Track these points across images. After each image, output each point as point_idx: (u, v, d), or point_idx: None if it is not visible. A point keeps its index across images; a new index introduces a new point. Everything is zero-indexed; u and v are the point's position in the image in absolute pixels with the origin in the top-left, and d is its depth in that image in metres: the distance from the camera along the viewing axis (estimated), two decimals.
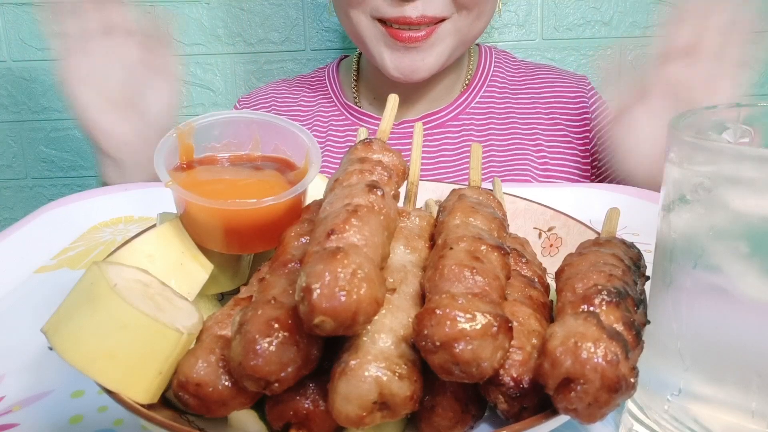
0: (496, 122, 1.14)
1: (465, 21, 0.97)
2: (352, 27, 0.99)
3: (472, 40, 1.04)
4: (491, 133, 1.13)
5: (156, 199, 0.90)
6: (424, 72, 0.98)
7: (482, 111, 1.15)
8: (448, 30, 0.97)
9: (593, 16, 1.60)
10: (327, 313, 0.34)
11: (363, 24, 0.97)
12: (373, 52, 0.99)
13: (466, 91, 1.15)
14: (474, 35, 1.03)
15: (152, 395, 0.40)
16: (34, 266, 0.71)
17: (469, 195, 0.54)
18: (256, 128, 0.59)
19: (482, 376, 0.37)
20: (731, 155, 0.36)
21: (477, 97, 1.15)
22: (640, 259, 0.49)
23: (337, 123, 1.16)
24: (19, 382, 0.52)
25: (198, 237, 0.53)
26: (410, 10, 0.90)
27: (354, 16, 0.97)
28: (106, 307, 0.39)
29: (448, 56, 1.00)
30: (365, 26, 0.97)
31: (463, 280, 0.41)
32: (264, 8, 1.55)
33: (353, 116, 1.15)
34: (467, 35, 1.00)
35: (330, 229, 0.41)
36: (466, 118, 1.14)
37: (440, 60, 0.99)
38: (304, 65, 1.58)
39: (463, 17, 0.97)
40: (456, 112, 1.14)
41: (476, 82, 1.16)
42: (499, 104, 1.15)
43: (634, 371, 0.36)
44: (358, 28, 0.98)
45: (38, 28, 1.54)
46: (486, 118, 1.14)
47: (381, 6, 0.93)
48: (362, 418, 0.36)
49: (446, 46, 0.98)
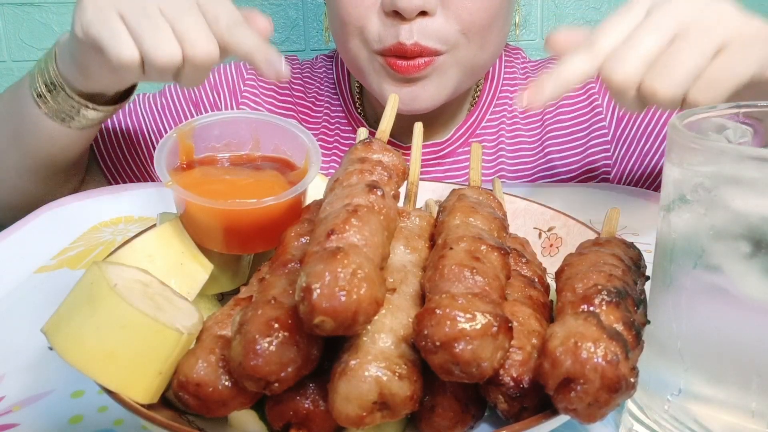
0: (505, 136, 1.10)
1: (466, 53, 0.92)
2: (351, 59, 0.97)
3: (480, 71, 0.99)
4: (500, 148, 1.10)
5: (156, 199, 0.90)
6: (426, 102, 0.94)
7: (492, 129, 1.10)
8: (448, 63, 0.92)
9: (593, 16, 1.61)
10: (327, 313, 0.34)
11: (362, 57, 0.94)
12: (372, 84, 0.96)
13: (476, 108, 1.10)
14: (481, 66, 0.97)
15: (152, 395, 0.40)
16: (34, 266, 0.71)
17: (469, 195, 0.54)
18: (256, 128, 0.59)
19: (482, 376, 0.37)
20: (731, 155, 0.36)
21: (488, 114, 1.11)
22: (640, 259, 0.49)
23: (344, 133, 1.13)
24: (19, 382, 0.52)
25: (198, 237, 0.53)
26: (405, 35, 0.87)
27: (353, 48, 0.94)
28: (106, 307, 0.39)
29: (454, 89, 0.96)
30: (365, 60, 0.94)
31: (463, 280, 0.41)
32: (264, 8, 1.55)
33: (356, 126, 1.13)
34: (473, 67, 0.95)
35: (330, 229, 0.41)
36: (477, 140, 1.09)
37: (443, 92, 0.95)
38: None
39: (462, 50, 0.92)
40: (467, 135, 1.10)
41: (486, 95, 1.11)
42: (508, 118, 1.11)
43: (634, 371, 0.36)
44: (358, 61, 0.95)
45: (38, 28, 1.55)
46: (496, 135, 1.10)
47: (379, 32, 0.89)
48: (362, 418, 0.36)
49: (449, 78, 0.94)
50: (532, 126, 1.11)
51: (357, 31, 0.92)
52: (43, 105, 0.80)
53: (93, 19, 0.65)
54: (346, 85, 1.14)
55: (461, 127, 1.10)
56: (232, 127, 0.58)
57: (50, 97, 0.80)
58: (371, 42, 0.91)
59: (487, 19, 0.90)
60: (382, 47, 0.90)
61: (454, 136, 1.10)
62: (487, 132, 1.11)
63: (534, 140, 1.11)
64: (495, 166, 1.10)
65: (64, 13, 1.54)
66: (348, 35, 0.93)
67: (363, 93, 1.13)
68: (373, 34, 0.91)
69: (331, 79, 1.16)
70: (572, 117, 1.10)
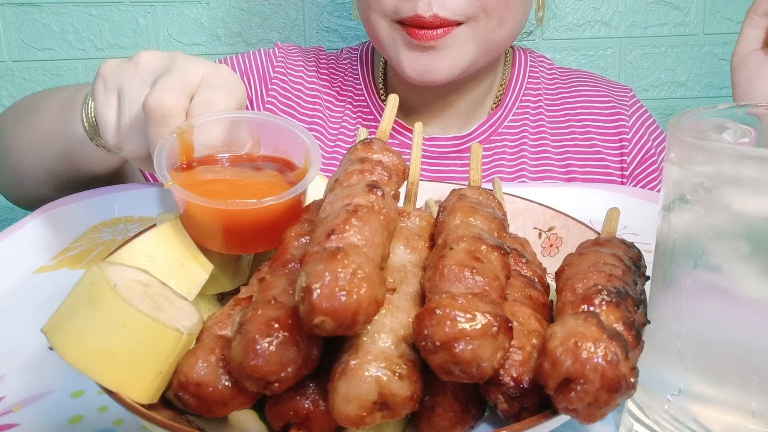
0: (528, 144, 1.10)
1: (484, 27, 0.94)
2: (373, 31, 0.99)
3: (497, 48, 0.99)
4: (523, 155, 1.09)
5: (156, 199, 0.90)
6: (440, 73, 0.95)
7: (515, 132, 1.10)
8: (467, 35, 0.93)
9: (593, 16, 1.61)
10: (327, 313, 0.34)
11: (383, 28, 0.96)
12: (390, 54, 0.98)
13: (498, 108, 1.11)
14: (499, 43, 0.98)
15: (152, 395, 0.40)
16: (34, 266, 0.71)
17: (470, 195, 0.54)
18: (256, 128, 0.59)
19: (482, 376, 0.37)
20: (731, 155, 0.36)
21: (510, 115, 1.10)
22: (640, 259, 0.49)
23: (365, 122, 1.13)
24: (19, 382, 0.52)
25: (198, 237, 0.53)
26: (423, 7, 0.89)
27: (374, 19, 0.96)
28: (106, 307, 0.39)
29: (470, 63, 0.96)
30: (385, 30, 0.96)
31: (463, 280, 0.41)
32: (264, 8, 1.55)
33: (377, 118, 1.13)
34: (490, 43, 0.96)
35: (330, 229, 0.41)
36: (498, 140, 1.10)
37: (459, 64, 0.95)
38: None
39: (481, 23, 0.93)
40: (488, 133, 1.10)
41: (509, 96, 1.11)
42: (532, 123, 1.11)
43: (634, 371, 0.36)
44: (378, 32, 0.97)
45: (38, 28, 1.55)
46: (519, 139, 1.10)
47: (396, 5, 0.92)
48: (362, 418, 0.36)
49: (466, 51, 0.95)
50: (558, 134, 1.11)
51: (376, 3, 0.94)
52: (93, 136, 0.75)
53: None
54: (370, 77, 1.15)
55: (483, 124, 1.10)
56: (232, 126, 0.58)
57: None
58: (390, 13, 0.94)
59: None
60: (399, 18, 0.92)
61: (476, 132, 1.10)
62: (509, 132, 1.11)
63: (558, 148, 1.11)
64: (516, 170, 1.10)
65: (64, 13, 1.54)
66: (368, 7, 0.96)
67: (387, 85, 1.14)
68: (390, 7, 0.93)
69: (355, 70, 1.17)
70: (599, 141, 1.10)
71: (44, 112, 0.87)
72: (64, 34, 1.55)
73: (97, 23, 1.55)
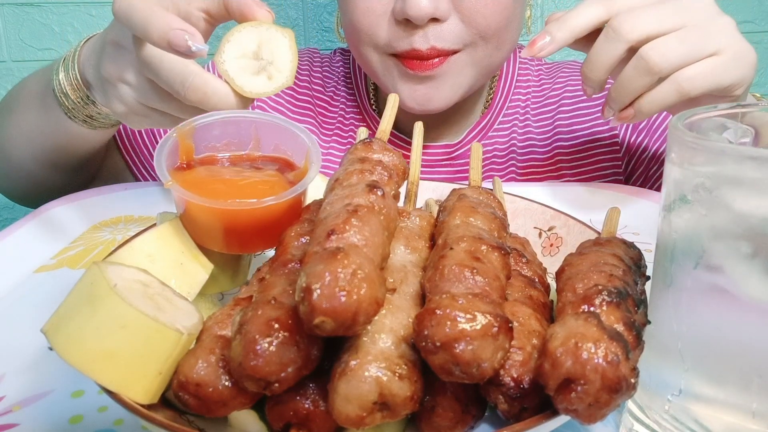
0: (517, 143, 1.09)
1: (482, 53, 0.91)
2: (364, 62, 0.96)
3: (494, 69, 0.98)
4: (511, 156, 1.09)
5: (156, 199, 0.90)
6: (441, 101, 0.93)
7: (504, 134, 1.10)
8: (465, 61, 0.91)
9: None
10: (327, 314, 0.34)
11: (375, 60, 0.93)
12: (386, 84, 0.95)
13: (488, 112, 1.10)
14: (496, 65, 0.96)
15: (152, 395, 0.40)
16: (34, 266, 0.71)
17: (470, 195, 0.54)
18: (256, 128, 0.59)
19: (482, 376, 0.37)
20: (732, 156, 0.36)
21: (500, 117, 1.10)
22: (640, 259, 0.49)
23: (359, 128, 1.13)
24: (19, 382, 0.52)
25: (198, 237, 0.53)
26: (419, 41, 0.86)
27: (365, 52, 0.93)
28: (106, 307, 0.39)
29: (469, 87, 0.95)
30: (377, 62, 0.93)
31: (463, 281, 0.41)
32: None
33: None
34: (488, 66, 0.94)
35: (330, 229, 0.41)
36: (489, 143, 1.09)
37: (458, 91, 0.94)
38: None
39: (479, 49, 0.91)
40: (479, 138, 1.09)
41: (498, 99, 1.10)
42: (520, 122, 1.11)
43: (635, 372, 0.36)
44: (370, 63, 0.94)
45: (38, 28, 1.55)
46: (508, 141, 1.10)
47: (391, 39, 0.89)
48: (362, 418, 0.36)
49: (464, 77, 0.93)
50: (544, 131, 1.10)
51: (368, 38, 0.91)
52: (68, 109, 0.78)
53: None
54: (361, 81, 1.14)
55: (474, 129, 1.09)
56: (232, 126, 0.58)
57: (72, 98, 0.77)
58: (383, 47, 0.91)
59: (503, 20, 0.89)
60: (395, 51, 0.90)
61: (466, 138, 1.09)
62: (499, 134, 1.10)
63: (544, 145, 1.10)
64: (506, 168, 1.10)
65: (64, 13, 1.54)
66: (360, 41, 0.93)
67: (378, 89, 1.13)
68: (384, 41, 0.90)
69: (348, 74, 1.16)
70: (586, 128, 1.09)
71: (22, 113, 0.88)
72: (64, 34, 1.55)
73: (97, 23, 1.55)
